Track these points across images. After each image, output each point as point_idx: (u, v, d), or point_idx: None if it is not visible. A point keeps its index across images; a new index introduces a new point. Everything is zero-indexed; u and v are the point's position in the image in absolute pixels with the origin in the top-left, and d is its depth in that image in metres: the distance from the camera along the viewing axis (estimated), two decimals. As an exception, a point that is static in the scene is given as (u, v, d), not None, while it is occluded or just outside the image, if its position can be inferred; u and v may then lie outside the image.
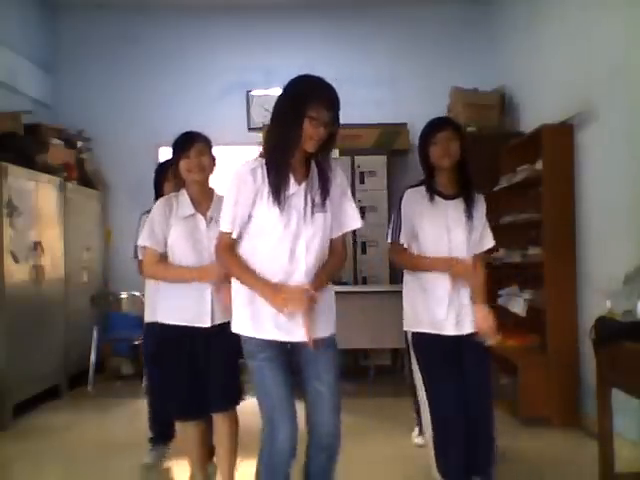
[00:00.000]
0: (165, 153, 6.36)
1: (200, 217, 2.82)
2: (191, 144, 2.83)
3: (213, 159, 2.90)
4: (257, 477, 2.21)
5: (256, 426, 2.27)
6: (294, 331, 2.15)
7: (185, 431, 2.92)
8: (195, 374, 2.79)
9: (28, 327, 4.59)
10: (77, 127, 5.93)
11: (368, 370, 5.50)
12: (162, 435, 3.54)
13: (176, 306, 2.79)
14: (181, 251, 2.78)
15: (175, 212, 2.82)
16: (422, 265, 2.76)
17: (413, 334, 2.81)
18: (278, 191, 2.12)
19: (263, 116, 6.27)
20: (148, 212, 3.30)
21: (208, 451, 3.02)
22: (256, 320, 2.18)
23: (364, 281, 5.80)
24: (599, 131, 3.88)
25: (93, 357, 5.28)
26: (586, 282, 4.07)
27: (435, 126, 2.81)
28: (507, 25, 5.72)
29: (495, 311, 2.79)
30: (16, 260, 4.42)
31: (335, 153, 5.82)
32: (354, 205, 2.32)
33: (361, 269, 5.82)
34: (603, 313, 2.75)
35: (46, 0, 6.15)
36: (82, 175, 5.74)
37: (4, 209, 4.28)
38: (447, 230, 2.74)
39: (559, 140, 4.21)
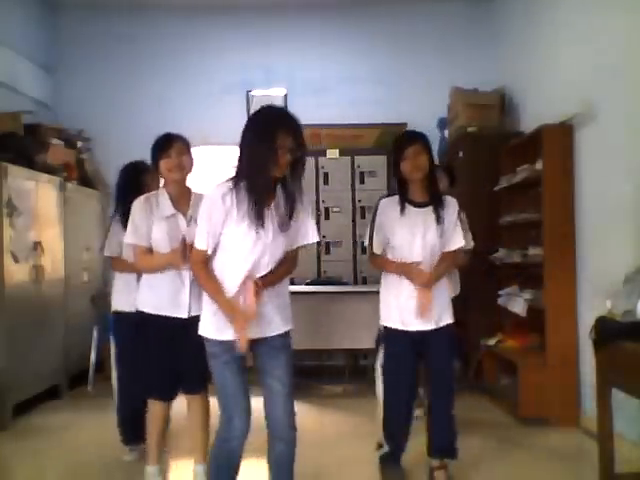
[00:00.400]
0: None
1: (181, 217, 2.97)
2: (171, 144, 2.99)
3: (192, 159, 3.05)
4: (210, 460, 2.53)
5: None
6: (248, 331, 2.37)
7: (153, 410, 3.10)
8: (170, 359, 3.01)
9: (28, 327, 4.58)
10: (77, 127, 5.93)
11: (368, 370, 5.50)
12: (135, 437, 3.56)
13: (156, 296, 2.99)
14: (164, 250, 2.94)
15: (155, 211, 2.97)
16: (389, 268, 3.17)
17: (385, 327, 3.23)
18: (259, 214, 2.33)
19: (263, 116, 6.27)
20: (119, 214, 3.48)
21: (164, 433, 3.19)
22: (217, 323, 2.43)
23: (364, 281, 5.81)
24: (599, 131, 3.88)
25: (93, 357, 5.28)
26: (586, 282, 4.07)
27: (404, 142, 3.10)
28: (507, 25, 5.73)
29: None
30: (16, 260, 4.42)
31: (335, 153, 5.86)
32: (313, 221, 2.56)
33: (361, 269, 5.83)
34: (603, 313, 2.75)
35: (46, 0, 6.16)
36: (82, 175, 5.73)
37: (4, 209, 4.28)
38: (419, 235, 3.06)
39: (559, 140, 4.21)
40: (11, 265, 4.35)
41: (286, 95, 6.31)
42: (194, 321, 2.79)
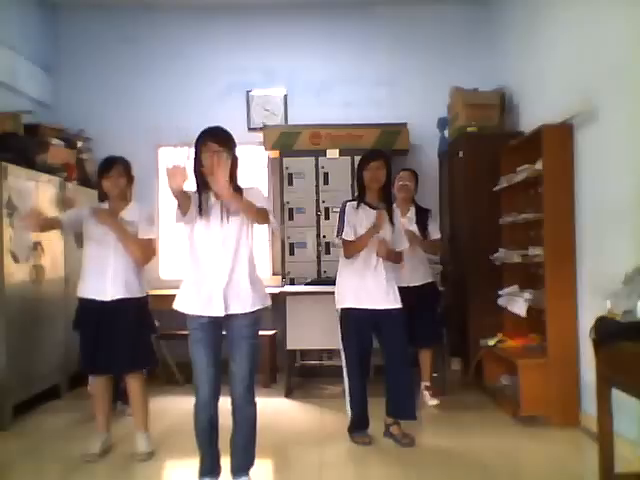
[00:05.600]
0: (165, 153, 6.37)
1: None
2: (111, 167, 3.62)
3: (129, 178, 3.71)
4: (193, 419, 3.00)
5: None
6: (211, 308, 2.89)
7: (92, 384, 3.76)
8: (99, 339, 3.52)
9: (28, 327, 4.59)
10: (77, 127, 5.93)
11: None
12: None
13: (86, 282, 3.60)
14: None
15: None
16: (358, 245, 3.73)
17: (341, 310, 3.81)
18: (199, 206, 2.90)
19: (263, 116, 6.28)
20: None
21: (108, 406, 3.77)
22: (188, 298, 2.95)
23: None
24: (599, 131, 3.88)
25: (93, 357, 5.28)
26: (586, 282, 4.07)
27: (368, 158, 3.83)
28: (507, 25, 5.73)
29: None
30: (16, 260, 4.42)
31: (335, 153, 5.86)
32: (262, 197, 3.00)
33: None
34: (603, 313, 2.75)
35: (46, 0, 6.16)
36: (82, 175, 5.73)
37: (4, 209, 4.28)
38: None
39: (559, 140, 4.20)
40: (11, 265, 4.36)
41: (286, 95, 6.32)
42: (119, 305, 3.51)
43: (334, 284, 5.37)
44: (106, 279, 3.53)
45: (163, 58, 6.33)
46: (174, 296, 3.01)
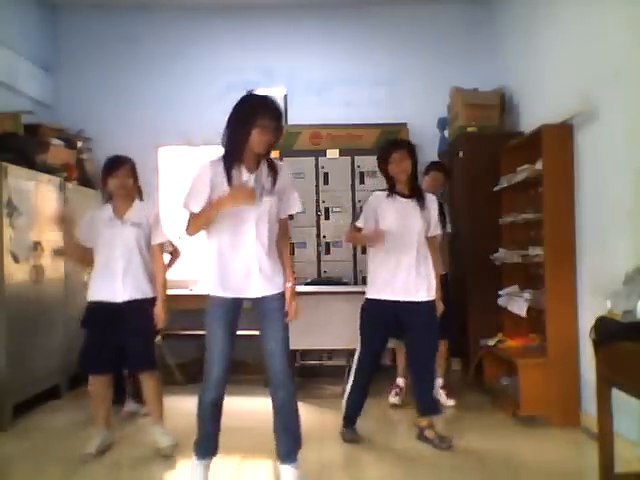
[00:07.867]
0: (165, 153, 6.37)
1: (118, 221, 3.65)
2: (118, 167, 3.63)
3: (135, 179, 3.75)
4: (197, 411, 2.94)
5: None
6: (244, 290, 2.85)
7: (93, 383, 3.69)
8: (110, 340, 3.55)
9: (28, 327, 4.59)
10: (77, 127, 5.93)
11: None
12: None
13: (96, 285, 3.61)
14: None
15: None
16: (354, 239, 3.96)
17: (365, 299, 3.76)
18: (229, 178, 2.79)
19: (263, 116, 6.28)
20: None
21: (109, 405, 3.80)
22: (217, 281, 2.85)
23: (364, 281, 5.77)
24: (599, 131, 3.88)
25: (93, 357, 5.28)
26: (586, 282, 4.07)
27: (391, 148, 3.72)
28: (507, 25, 5.73)
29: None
30: (16, 260, 4.42)
31: (335, 153, 5.87)
32: (297, 195, 3.02)
33: (361, 269, 5.82)
34: (603, 313, 2.75)
35: (46, 0, 6.16)
36: (82, 175, 5.73)
37: (4, 209, 4.28)
38: (405, 218, 3.67)
39: (559, 140, 4.20)
40: (11, 265, 4.35)
41: (286, 95, 6.31)
42: (131, 306, 3.52)
43: (334, 284, 5.42)
44: (116, 281, 3.55)
45: (163, 58, 6.33)
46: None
